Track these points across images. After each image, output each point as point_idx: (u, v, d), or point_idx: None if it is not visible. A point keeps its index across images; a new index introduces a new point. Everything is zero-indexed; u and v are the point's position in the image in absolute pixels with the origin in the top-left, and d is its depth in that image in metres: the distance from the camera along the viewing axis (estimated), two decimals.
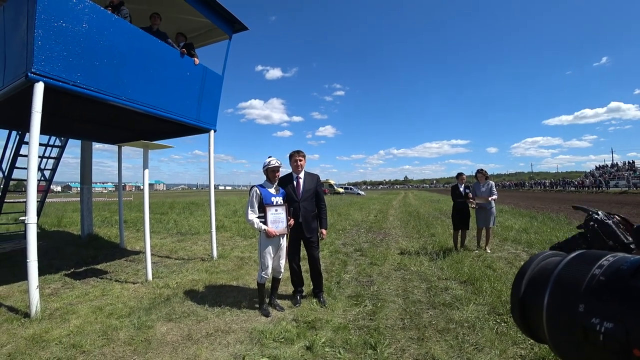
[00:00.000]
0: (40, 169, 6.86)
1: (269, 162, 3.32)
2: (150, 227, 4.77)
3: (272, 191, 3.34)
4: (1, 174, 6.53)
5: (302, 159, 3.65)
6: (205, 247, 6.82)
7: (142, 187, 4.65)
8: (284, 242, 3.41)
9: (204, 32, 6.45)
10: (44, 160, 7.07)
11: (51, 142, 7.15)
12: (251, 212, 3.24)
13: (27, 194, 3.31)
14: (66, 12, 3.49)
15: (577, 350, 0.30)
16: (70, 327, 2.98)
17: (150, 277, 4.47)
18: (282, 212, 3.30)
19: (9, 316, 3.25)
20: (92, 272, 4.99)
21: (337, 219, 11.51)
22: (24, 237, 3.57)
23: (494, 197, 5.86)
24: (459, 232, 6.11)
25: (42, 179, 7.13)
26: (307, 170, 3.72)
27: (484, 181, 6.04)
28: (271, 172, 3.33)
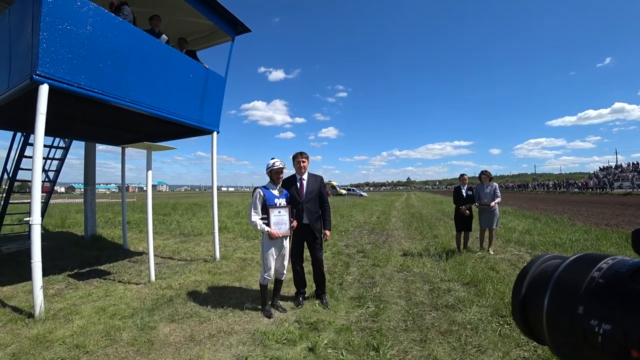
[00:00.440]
0: (44, 170, 6.93)
1: (273, 163, 3.32)
2: (153, 228, 4.79)
3: (275, 193, 3.35)
4: (6, 175, 6.60)
5: (306, 160, 3.65)
6: (208, 248, 6.84)
7: (146, 188, 4.66)
8: (286, 243, 3.41)
9: (207, 34, 6.49)
10: (48, 161, 7.16)
11: (55, 144, 7.25)
12: (254, 214, 3.25)
13: (31, 195, 3.33)
14: (71, 15, 3.53)
15: (577, 351, 0.30)
16: (73, 328, 3.00)
17: (153, 278, 4.49)
18: (285, 214, 3.30)
19: (13, 316, 3.28)
20: (96, 273, 5.02)
21: (339, 221, 11.50)
22: (29, 237, 3.61)
23: (497, 200, 5.86)
24: (462, 234, 6.10)
25: (47, 180, 7.20)
26: (309, 171, 3.73)
27: (488, 182, 6.03)
28: (275, 174, 3.34)
